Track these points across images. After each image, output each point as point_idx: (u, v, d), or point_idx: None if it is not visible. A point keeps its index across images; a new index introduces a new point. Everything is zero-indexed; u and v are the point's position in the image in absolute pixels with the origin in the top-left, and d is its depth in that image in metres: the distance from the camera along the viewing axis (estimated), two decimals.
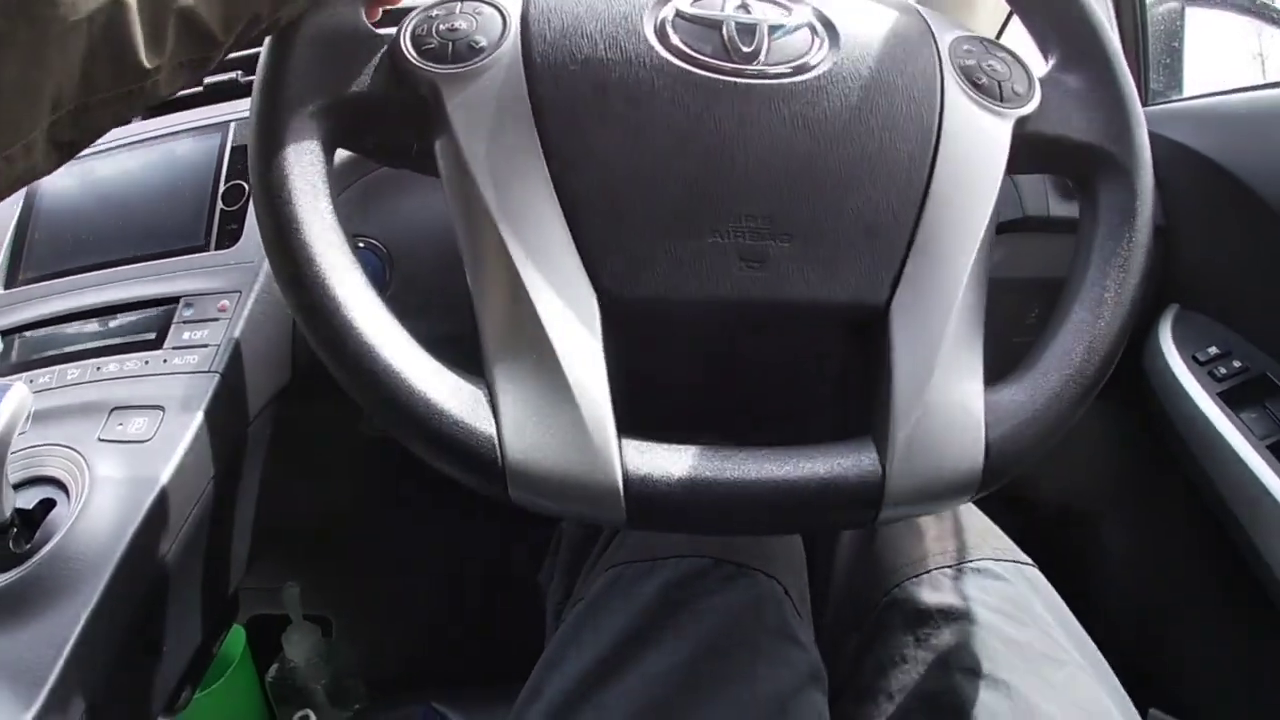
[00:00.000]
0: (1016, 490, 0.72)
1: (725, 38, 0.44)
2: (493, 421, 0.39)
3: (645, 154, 0.42)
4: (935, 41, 0.48)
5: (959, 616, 0.52)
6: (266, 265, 0.62)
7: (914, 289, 0.43)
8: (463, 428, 0.38)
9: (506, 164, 0.42)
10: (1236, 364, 0.72)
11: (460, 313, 0.62)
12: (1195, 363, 0.73)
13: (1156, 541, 0.84)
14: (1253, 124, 0.70)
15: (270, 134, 0.41)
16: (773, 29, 0.45)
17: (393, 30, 0.45)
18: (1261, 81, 0.79)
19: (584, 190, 0.42)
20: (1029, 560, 0.58)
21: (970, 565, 0.55)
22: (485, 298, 0.41)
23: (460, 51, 0.43)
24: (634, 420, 0.39)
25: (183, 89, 0.38)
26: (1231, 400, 0.70)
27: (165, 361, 0.58)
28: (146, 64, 0.35)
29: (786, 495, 0.39)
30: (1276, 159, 0.66)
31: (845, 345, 0.47)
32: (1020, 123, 0.48)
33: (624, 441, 0.39)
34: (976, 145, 0.46)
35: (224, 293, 0.61)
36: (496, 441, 0.38)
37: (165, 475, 0.51)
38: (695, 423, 0.50)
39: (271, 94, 0.42)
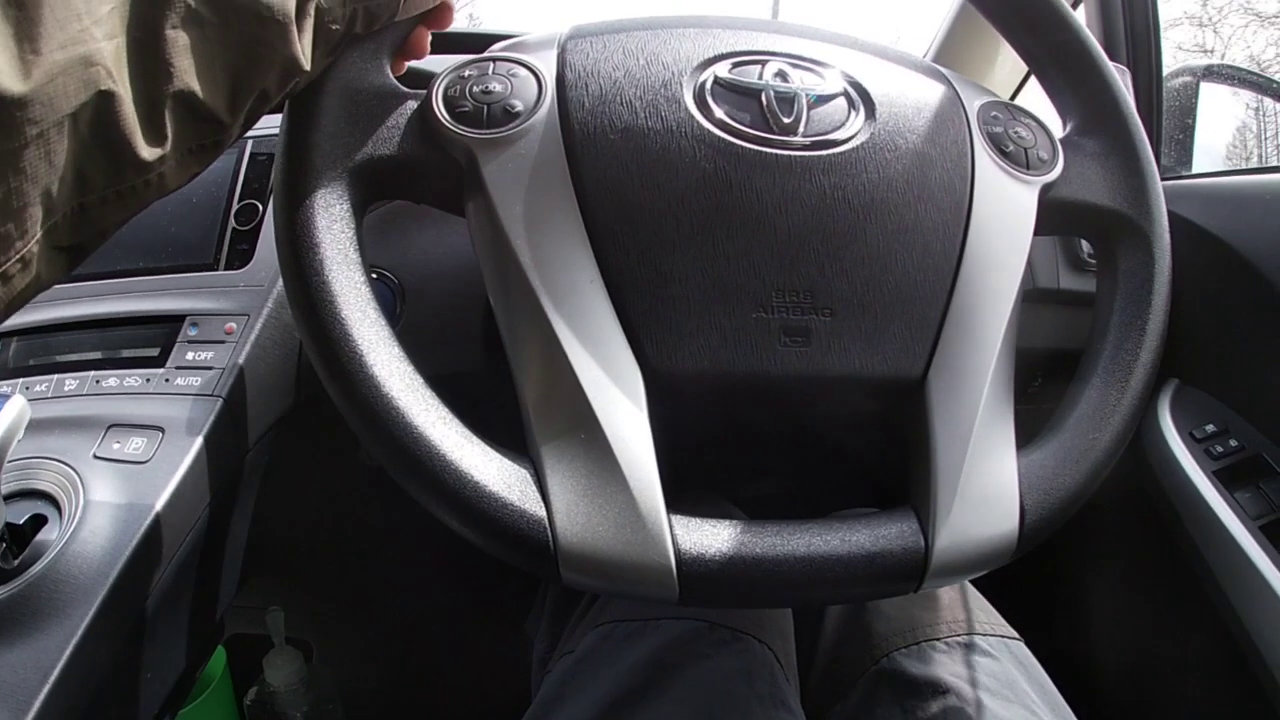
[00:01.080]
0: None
1: (765, 108, 0.44)
2: (543, 504, 0.38)
3: (687, 226, 0.42)
4: (964, 109, 0.49)
5: (946, 691, 0.51)
6: (276, 289, 0.61)
7: (949, 359, 0.44)
8: (513, 511, 0.38)
9: (546, 234, 0.41)
10: (1233, 443, 0.72)
11: (467, 351, 0.62)
12: (1192, 439, 0.73)
13: (1147, 616, 0.83)
14: (1264, 206, 0.71)
15: (298, 199, 0.40)
16: (810, 98, 0.45)
17: (419, 89, 0.44)
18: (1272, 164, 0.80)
19: (626, 263, 0.41)
20: (1016, 635, 0.58)
21: (959, 640, 0.55)
22: (528, 372, 0.41)
23: (496, 116, 0.43)
24: (676, 485, 0.39)
25: (196, 174, 0.36)
26: (1226, 479, 0.70)
27: (167, 381, 0.57)
28: (146, 156, 0.32)
29: (834, 569, 0.40)
30: None
31: (881, 414, 0.47)
32: (1045, 189, 0.48)
33: (673, 519, 0.39)
34: (1006, 214, 0.47)
35: (231, 315, 0.60)
36: (548, 525, 0.38)
37: (161, 500, 0.50)
38: (732, 486, 0.49)
39: (299, 157, 0.41)
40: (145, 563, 0.49)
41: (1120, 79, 0.53)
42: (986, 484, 0.42)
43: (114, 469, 0.52)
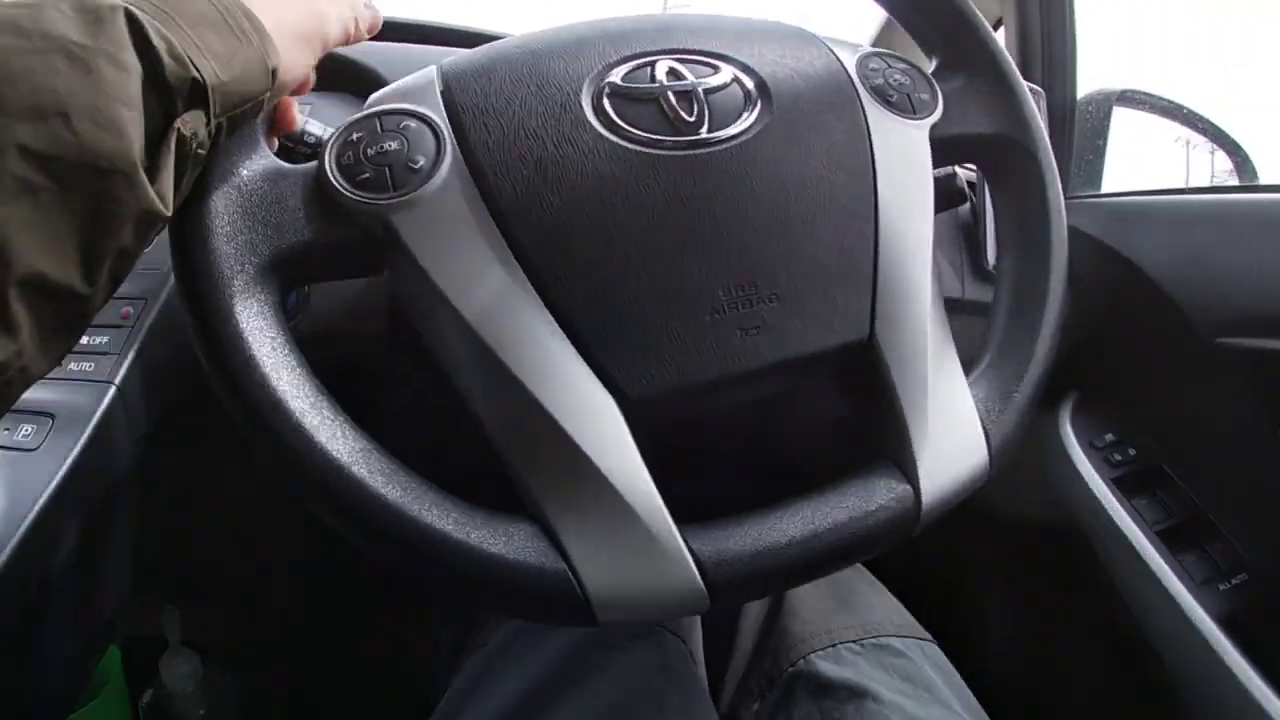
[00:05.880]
0: (917, 564, 0.73)
1: (668, 110, 0.44)
2: (561, 559, 0.38)
3: (623, 247, 0.41)
4: (845, 68, 0.49)
5: (862, 692, 0.52)
6: None
7: (890, 312, 0.44)
8: (535, 572, 0.37)
9: (486, 288, 0.40)
10: (1131, 452, 0.75)
11: (372, 333, 0.60)
12: (1092, 448, 0.76)
13: (1049, 618, 0.86)
14: (1170, 224, 0.73)
15: (217, 319, 0.37)
16: (706, 90, 0.45)
17: (300, 157, 0.42)
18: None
19: (573, 298, 0.40)
20: (929, 637, 0.59)
21: (874, 641, 0.56)
22: (508, 431, 0.40)
23: (400, 177, 0.40)
24: (669, 494, 0.40)
25: (65, 353, 0.32)
26: (1125, 486, 0.73)
27: (60, 365, 0.54)
28: None
29: (841, 538, 0.41)
30: (1190, 261, 0.70)
31: (834, 383, 0.48)
32: (933, 128, 0.50)
33: (685, 532, 0.39)
34: (906, 162, 0.48)
35: (128, 299, 0.57)
36: (572, 577, 0.37)
37: (50, 489, 0.48)
38: (718, 481, 0.49)
39: (203, 270, 0.37)
40: (32, 554, 0.47)
41: (983, 20, 0.54)
42: (951, 420, 0.44)
43: (1, 456, 0.49)
